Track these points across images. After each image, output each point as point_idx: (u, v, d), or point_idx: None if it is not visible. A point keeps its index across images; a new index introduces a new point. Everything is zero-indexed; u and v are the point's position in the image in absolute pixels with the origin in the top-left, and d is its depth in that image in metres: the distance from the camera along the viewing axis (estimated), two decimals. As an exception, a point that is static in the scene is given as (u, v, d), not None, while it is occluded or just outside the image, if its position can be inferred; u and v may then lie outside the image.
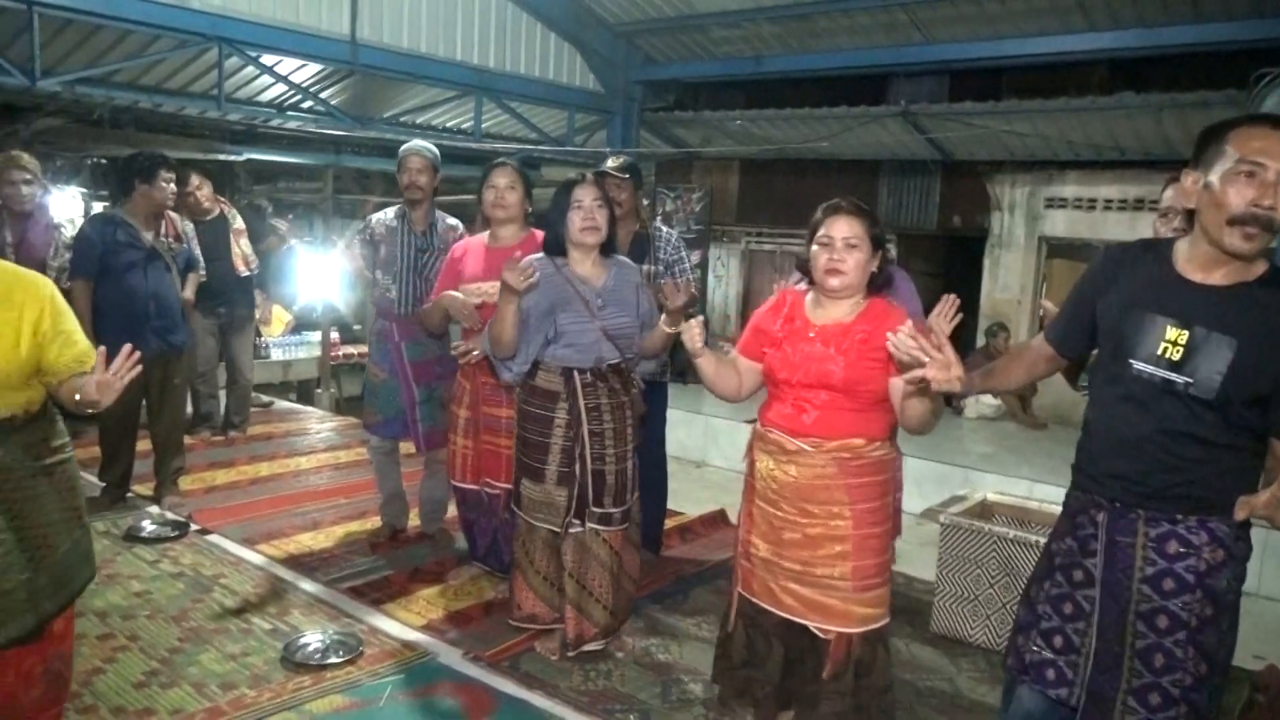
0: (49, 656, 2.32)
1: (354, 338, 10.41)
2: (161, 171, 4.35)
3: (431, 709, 2.93)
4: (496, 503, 3.65)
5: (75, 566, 2.33)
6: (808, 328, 2.53)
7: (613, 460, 3.12)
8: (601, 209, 3.08)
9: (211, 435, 5.89)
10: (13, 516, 2.17)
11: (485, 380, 3.57)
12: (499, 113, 8.88)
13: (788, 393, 2.54)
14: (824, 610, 2.51)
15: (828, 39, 8.25)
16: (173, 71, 7.21)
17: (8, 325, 2.13)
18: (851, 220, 2.47)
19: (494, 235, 3.61)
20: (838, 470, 2.47)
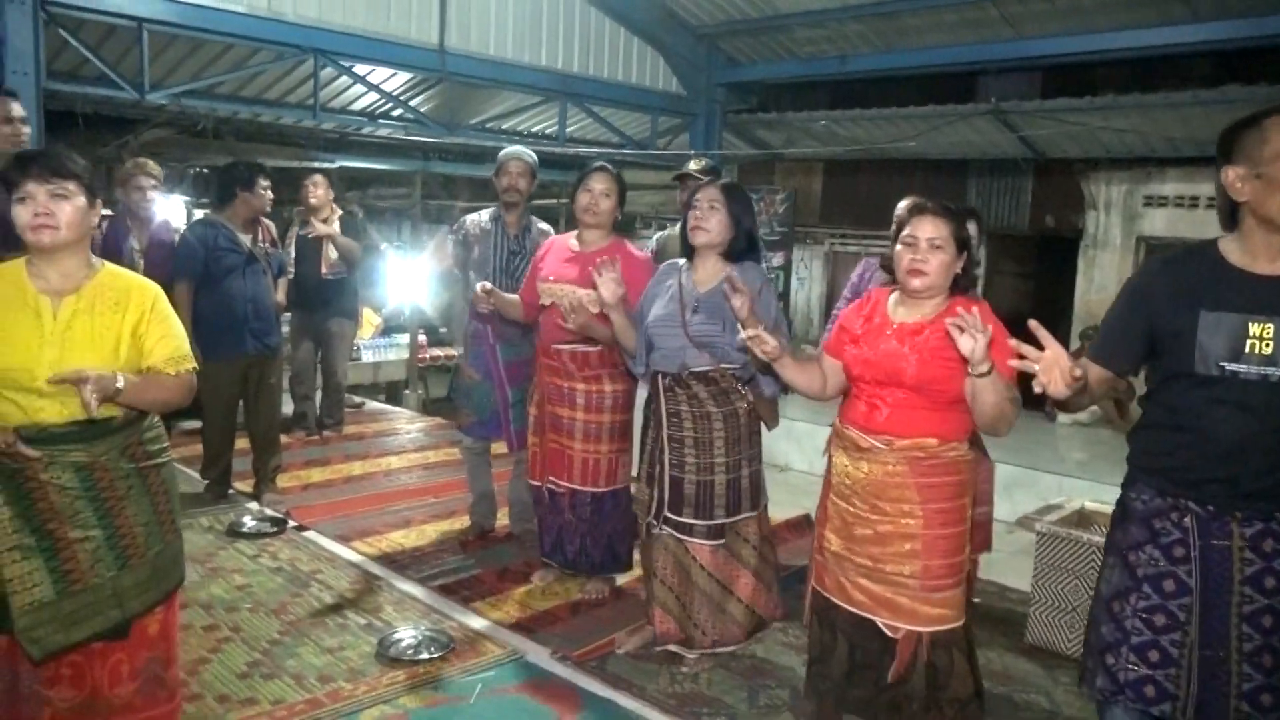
0: (138, 657, 2.36)
1: (440, 340, 10.63)
2: (259, 179, 4.53)
3: (520, 707, 2.97)
4: (561, 501, 3.68)
5: (165, 570, 2.39)
6: (886, 325, 2.53)
7: (694, 470, 3.10)
8: (714, 211, 3.05)
9: (306, 435, 6.07)
10: (104, 515, 2.24)
11: (551, 380, 3.61)
12: (582, 117, 8.96)
13: (863, 389, 2.55)
14: (892, 607, 2.51)
15: (914, 36, 8.09)
16: (271, 83, 7.45)
17: (110, 329, 2.22)
18: (937, 221, 2.46)
19: (581, 238, 3.64)
20: (908, 469, 2.46)
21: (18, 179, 2.14)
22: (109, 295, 2.25)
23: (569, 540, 3.76)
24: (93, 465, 2.21)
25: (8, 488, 2.13)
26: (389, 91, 7.76)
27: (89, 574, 2.22)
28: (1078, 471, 6.91)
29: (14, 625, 2.14)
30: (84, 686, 2.29)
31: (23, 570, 2.14)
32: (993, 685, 3.23)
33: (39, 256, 2.20)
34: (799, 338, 10.49)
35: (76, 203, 2.18)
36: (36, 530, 2.16)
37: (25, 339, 2.13)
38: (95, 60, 6.02)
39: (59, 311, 2.18)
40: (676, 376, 3.11)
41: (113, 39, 6.26)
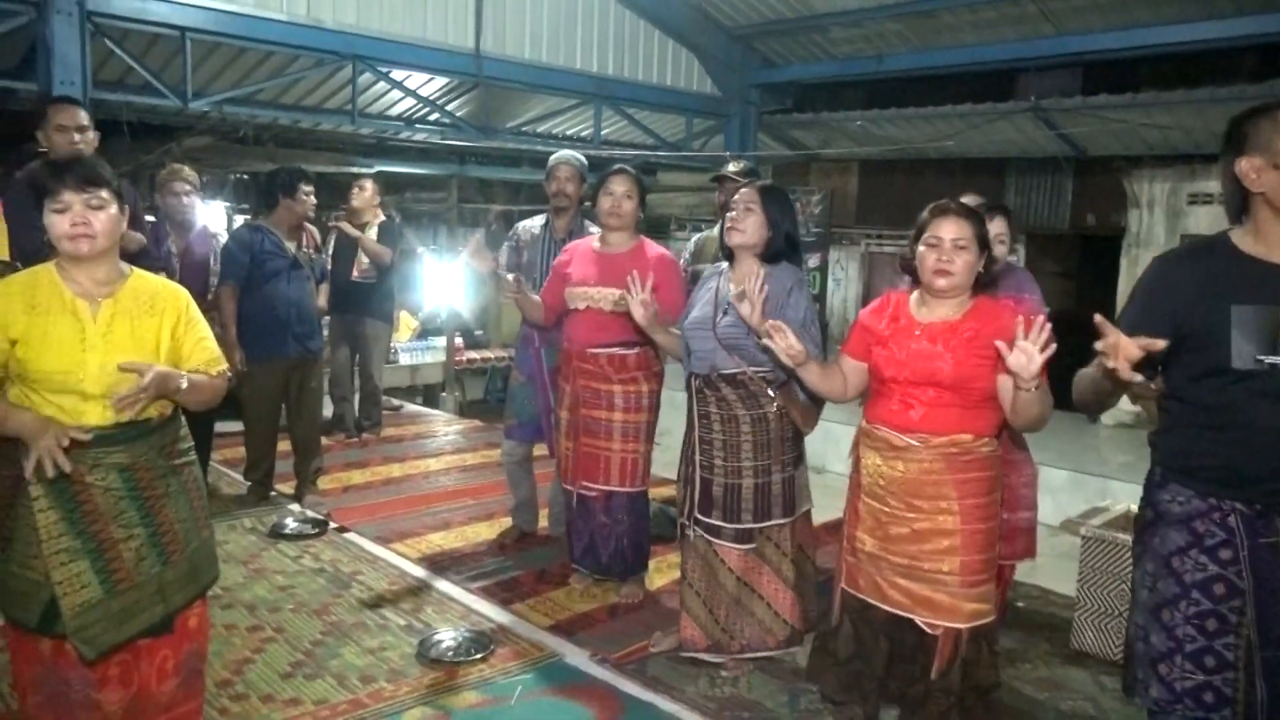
0: (181, 651, 2.42)
1: (477, 343, 10.70)
2: (301, 184, 4.59)
3: (561, 709, 2.97)
4: (594, 504, 3.68)
5: (202, 564, 2.44)
6: (913, 326, 2.55)
7: (721, 473, 3.08)
8: (750, 213, 3.05)
9: (345, 438, 6.13)
10: (146, 513, 2.28)
11: (585, 383, 3.61)
12: (617, 119, 8.97)
13: (895, 390, 2.55)
14: (931, 605, 2.52)
15: (952, 35, 8.01)
16: (310, 89, 7.54)
17: (150, 331, 2.27)
18: (960, 221, 2.49)
19: (604, 240, 3.65)
20: (945, 466, 2.49)
21: (54, 188, 2.16)
22: (142, 299, 2.29)
23: (602, 545, 3.75)
24: (134, 465, 2.25)
25: (53, 492, 2.17)
26: (426, 96, 7.83)
27: (135, 572, 2.26)
28: (1122, 474, 6.79)
29: (66, 627, 2.18)
30: (131, 685, 2.33)
31: (71, 572, 2.18)
32: (1036, 691, 3.19)
33: (72, 263, 2.23)
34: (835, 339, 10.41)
35: (110, 211, 2.21)
36: (82, 532, 2.20)
37: (67, 343, 2.17)
38: (140, 69, 6.13)
39: (98, 315, 2.22)
40: (706, 378, 3.11)
41: (156, 48, 6.37)
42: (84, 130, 3.62)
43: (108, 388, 2.18)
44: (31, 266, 2.35)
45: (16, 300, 2.18)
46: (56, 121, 3.58)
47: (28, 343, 2.15)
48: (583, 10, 8.10)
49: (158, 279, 2.41)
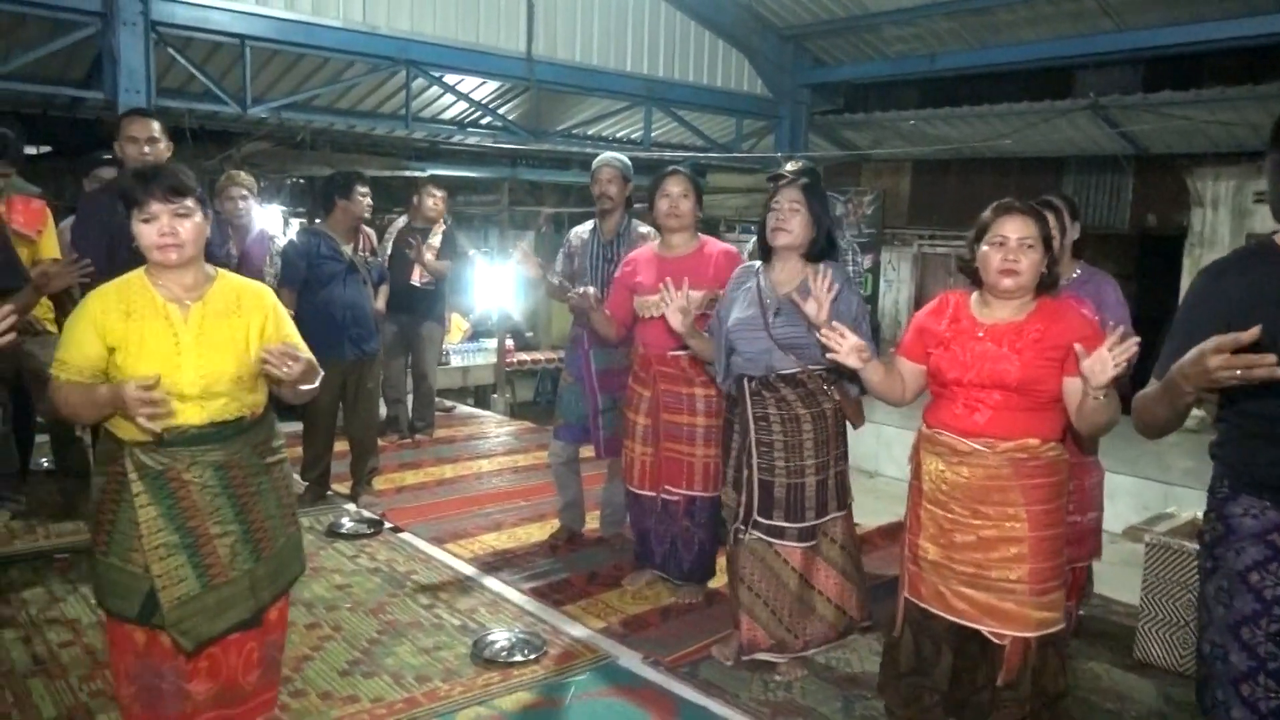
0: (265, 643, 2.51)
1: (527, 344, 10.77)
2: (357, 187, 4.66)
3: (614, 711, 2.97)
4: (676, 509, 3.69)
5: (289, 560, 2.52)
6: (975, 327, 2.50)
7: (783, 473, 3.06)
8: (795, 212, 3.03)
9: (399, 438, 6.20)
10: (240, 510, 2.36)
11: (667, 388, 3.62)
12: (667, 121, 8.97)
13: (958, 393, 2.50)
14: (999, 614, 2.46)
15: (1008, 32, 7.88)
16: (365, 94, 7.65)
17: (239, 331, 2.33)
18: (1026, 220, 2.44)
19: (665, 243, 3.66)
20: (1013, 471, 2.43)
21: (142, 198, 2.22)
22: (230, 300, 2.36)
23: (685, 549, 3.74)
24: (229, 463, 2.32)
25: (153, 488, 2.25)
26: (478, 100, 7.90)
27: (229, 568, 2.33)
28: (1185, 480, 6.63)
29: (165, 619, 2.26)
30: (219, 677, 2.40)
31: (170, 566, 2.25)
32: (1100, 701, 3.12)
33: (158, 269, 2.30)
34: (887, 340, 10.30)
35: (195, 219, 2.28)
36: (180, 528, 2.27)
37: (162, 347, 2.24)
38: (201, 77, 6.26)
39: (189, 318, 2.29)
40: (763, 380, 3.08)
41: (217, 56, 6.51)
42: (154, 142, 3.67)
43: (202, 389, 2.25)
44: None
45: (113, 308, 2.26)
46: (128, 133, 3.65)
47: (125, 349, 2.23)
48: (633, 12, 8.12)
49: (243, 279, 2.48)
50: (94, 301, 2.28)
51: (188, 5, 5.80)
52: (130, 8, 5.52)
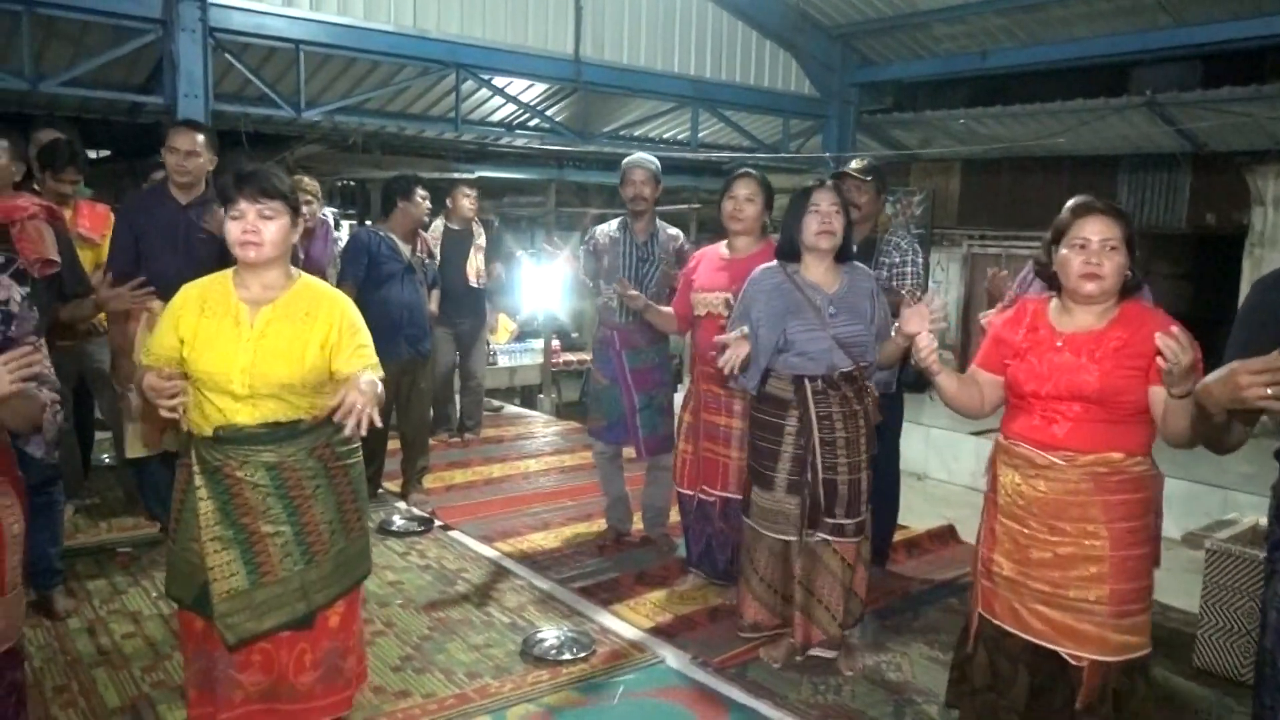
0: (320, 647, 2.50)
1: (573, 345, 10.82)
2: (417, 189, 4.73)
3: (663, 711, 2.98)
4: (712, 509, 3.71)
5: (349, 564, 2.53)
6: (1054, 336, 2.38)
7: (845, 470, 3.09)
8: (839, 214, 3.04)
9: (449, 437, 6.27)
10: (292, 512, 2.39)
11: (708, 388, 3.63)
12: (714, 122, 8.96)
13: (1035, 405, 2.39)
14: (1076, 635, 2.33)
15: (1062, 28, 7.75)
16: (415, 97, 7.74)
17: (298, 338, 2.36)
18: (1109, 221, 2.30)
19: (730, 245, 3.67)
20: (1093, 486, 2.30)
21: (232, 196, 2.29)
22: (302, 305, 2.40)
23: (719, 549, 3.77)
24: (281, 465, 2.36)
25: (211, 482, 2.31)
26: (526, 102, 7.95)
27: (278, 567, 2.37)
28: (1244, 485, 6.48)
29: (213, 611, 2.31)
30: (271, 672, 2.44)
31: (222, 560, 2.31)
32: (1159, 709, 3.05)
33: (246, 269, 2.37)
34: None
35: (281, 221, 2.33)
36: (234, 524, 2.33)
37: (226, 345, 2.30)
38: (257, 81, 6.38)
39: (255, 320, 2.34)
40: (826, 378, 3.07)
41: (272, 61, 6.63)
42: (194, 155, 3.60)
43: (249, 390, 2.30)
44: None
45: (193, 302, 2.35)
46: (170, 143, 3.61)
47: (192, 343, 2.30)
48: (680, 14, 8.11)
49: (325, 287, 2.52)
50: (180, 295, 2.39)
51: (244, 11, 5.92)
52: (189, 15, 5.63)
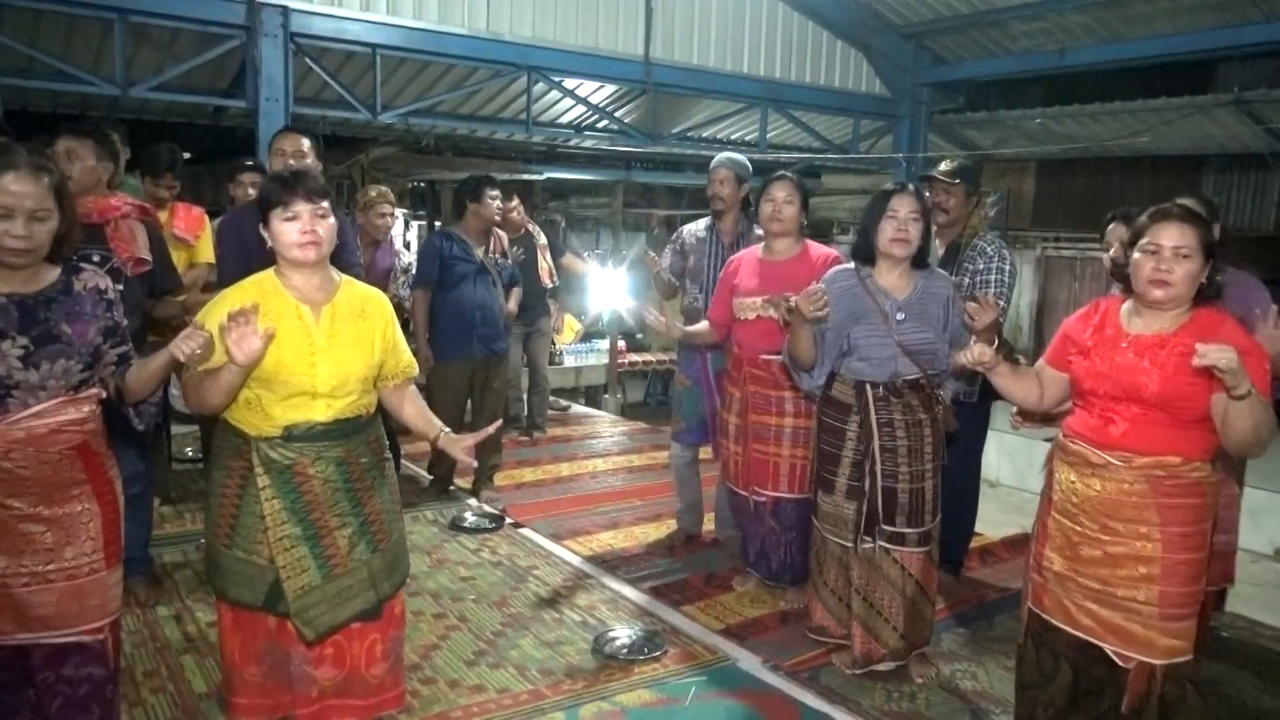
0: (389, 637, 2.57)
1: (639, 346, 10.85)
2: (486, 190, 4.78)
3: (736, 713, 2.97)
4: (764, 509, 3.68)
5: (401, 555, 2.60)
6: (1120, 337, 2.38)
7: (906, 479, 3.04)
8: (917, 221, 2.98)
9: (518, 435, 6.34)
10: (357, 503, 2.45)
11: (755, 389, 3.62)
12: (783, 122, 8.91)
13: (1094, 403, 2.40)
14: (1123, 634, 2.35)
15: (1144, 25, 7.54)
16: (487, 100, 7.84)
17: (366, 333, 2.43)
18: (1183, 228, 2.27)
19: (768, 247, 3.67)
20: (1149, 488, 2.30)
21: (287, 198, 2.31)
22: (355, 304, 2.46)
23: (772, 551, 3.75)
24: (348, 459, 2.42)
25: (278, 481, 2.35)
26: (595, 104, 8.00)
27: (348, 559, 2.42)
28: (1338, 498, 6.21)
29: (289, 608, 2.36)
30: (344, 665, 2.49)
31: (293, 557, 2.36)
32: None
33: (294, 269, 2.38)
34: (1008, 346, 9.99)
35: (330, 221, 2.38)
36: (303, 520, 2.37)
37: (296, 346, 2.34)
38: (335, 85, 6.53)
39: (320, 319, 2.38)
40: (889, 385, 3.04)
41: (349, 65, 6.78)
42: (302, 155, 3.70)
43: (334, 387, 2.36)
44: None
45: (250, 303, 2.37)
46: (277, 146, 3.72)
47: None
48: (750, 14, 8.09)
49: (363, 285, 2.58)
50: (232, 298, 2.37)
51: (324, 17, 6.06)
52: (272, 21, 5.79)
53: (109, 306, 2.22)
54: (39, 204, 2.03)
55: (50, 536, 2.13)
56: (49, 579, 2.13)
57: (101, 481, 2.22)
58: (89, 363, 2.16)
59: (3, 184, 2.00)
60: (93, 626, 2.19)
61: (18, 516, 2.08)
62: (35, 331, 2.07)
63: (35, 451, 2.08)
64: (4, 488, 2.06)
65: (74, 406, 2.13)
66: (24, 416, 2.06)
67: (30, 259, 2.06)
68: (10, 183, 2.00)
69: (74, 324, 2.13)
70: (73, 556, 2.15)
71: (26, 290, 2.10)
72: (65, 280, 2.17)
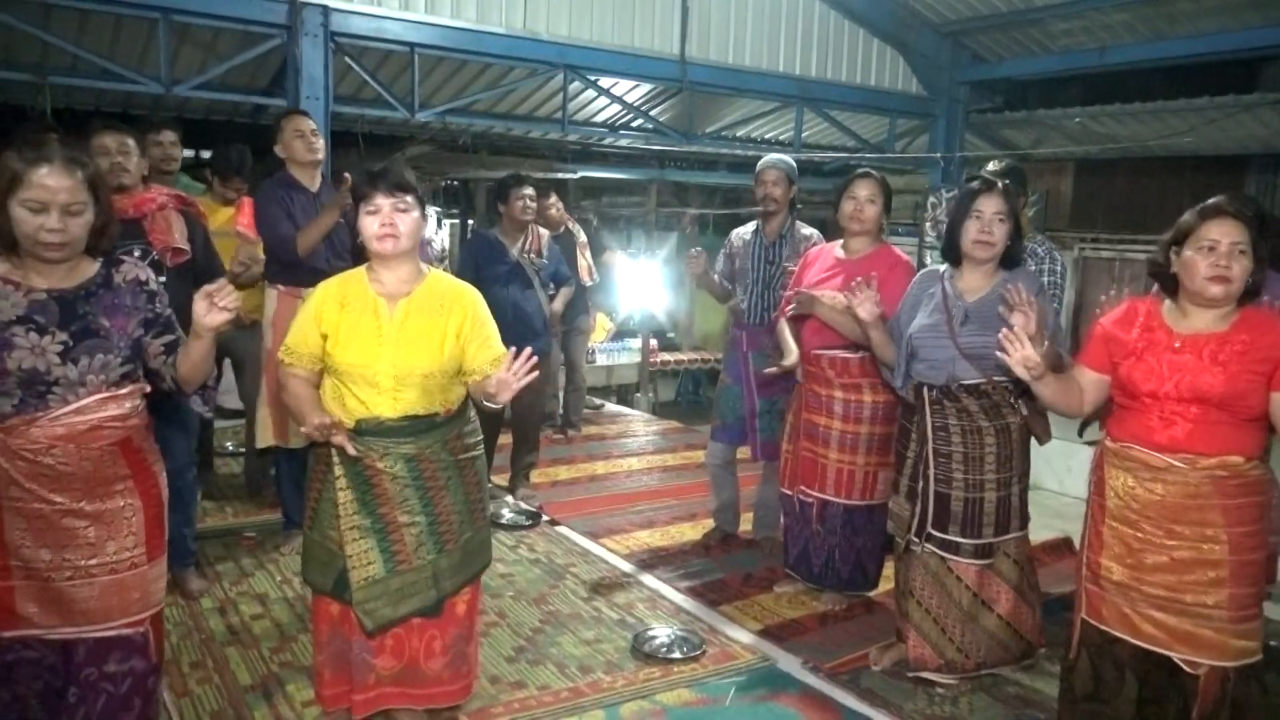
0: (448, 634, 2.61)
1: (670, 345, 10.83)
2: (513, 191, 4.80)
3: (776, 714, 2.96)
4: (810, 511, 3.65)
5: (475, 554, 2.63)
6: (1171, 337, 2.35)
7: (961, 486, 2.98)
8: (1003, 222, 2.92)
9: (553, 433, 6.36)
10: (426, 503, 2.48)
11: (811, 387, 3.60)
12: (818, 121, 8.86)
13: (1152, 406, 2.35)
14: (1195, 641, 2.31)
15: (1187, 22, 7.42)
16: (522, 99, 7.86)
17: (437, 329, 2.45)
18: (1237, 224, 2.28)
19: (846, 245, 3.62)
20: (1214, 489, 2.28)
21: (369, 192, 2.40)
22: (435, 298, 2.49)
23: (815, 553, 3.72)
24: (419, 456, 2.44)
25: (351, 473, 2.39)
26: (630, 103, 8.00)
27: (413, 556, 2.45)
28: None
29: (352, 598, 2.39)
30: (402, 656, 2.53)
31: (361, 548, 2.40)
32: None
33: (378, 263, 2.46)
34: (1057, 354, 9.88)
35: (413, 215, 2.42)
36: (372, 513, 2.41)
37: (366, 338, 2.39)
38: (374, 84, 6.57)
39: (394, 313, 2.42)
40: (944, 389, 2.99)
41: (387, 64, 6.82)
42: (317, 135, 3.89)
43: (394, 381, 2.38)
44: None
45: (332, 297, 2.44)
46: (296, 127, 3.87)
47: (335, 337, 2.39)
48: (787, 12, 8.04)
49: (454, 281, 2.61)
50: (319, 292, 2.47)
51: (364, 16, 6.09)
52: (313, 20, 5.83)
53: (150, 298, 2.23)
54: (73, 197, 2.04)
55: (93, 531, 2.14)
56: (91, 573, 2.14)
57: (145, 477, 2.23)
58: (128, 356, 2.16)
59: (38, 178, 2.00)
60: (134, 619, 2.21)
61: (61, 511, 2.10)
62: (74, 326, 2.08)
63: (77, 448, 2.09)
64: (47, 483, 2.08)
65: (115, 403, 2.13)
66: (65, 413, 2.06)
67: (65, 252, 2.07)
68: (45, 176, 2.01)
69: (113, 318, 2.14)
70: (114, 551, 2.17)
71: (66, 285, 2.11)
72: (105, 274, 2.18)
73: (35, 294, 2.07)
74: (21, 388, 2.02)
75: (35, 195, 2.00)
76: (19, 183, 2.00)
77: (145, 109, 7.50)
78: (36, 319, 2.05)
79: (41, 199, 2.00)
